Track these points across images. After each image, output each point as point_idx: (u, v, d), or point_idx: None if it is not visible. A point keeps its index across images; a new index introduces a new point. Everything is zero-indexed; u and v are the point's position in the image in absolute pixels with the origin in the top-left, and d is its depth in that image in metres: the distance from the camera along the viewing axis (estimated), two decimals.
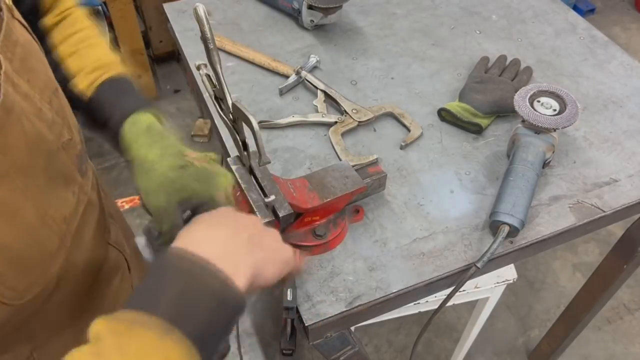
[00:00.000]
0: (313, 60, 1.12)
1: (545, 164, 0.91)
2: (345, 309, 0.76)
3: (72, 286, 0.59)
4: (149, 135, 0.65)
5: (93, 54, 0.69)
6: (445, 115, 1.02)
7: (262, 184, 0.75)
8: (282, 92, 1.07)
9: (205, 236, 0.49)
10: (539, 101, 0.93)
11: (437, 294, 0.89)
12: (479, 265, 0.79)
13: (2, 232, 0.45)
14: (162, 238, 0.60)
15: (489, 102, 1.01)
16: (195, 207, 0.61)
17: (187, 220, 0.60)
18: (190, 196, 0.60)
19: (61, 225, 0.53)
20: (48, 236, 0.51)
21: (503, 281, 1.24)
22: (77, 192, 0.57)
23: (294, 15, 1.24)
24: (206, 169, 0.63)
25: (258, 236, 0.52)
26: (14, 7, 0.51)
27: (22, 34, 0.51)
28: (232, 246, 0.49)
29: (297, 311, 0.75)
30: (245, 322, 1.82)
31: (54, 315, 0.57)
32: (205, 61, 0.73)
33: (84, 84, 0.66)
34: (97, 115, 0.64)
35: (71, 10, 0.71)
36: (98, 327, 0.40)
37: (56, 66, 0.65)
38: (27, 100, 0.48)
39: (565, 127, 0.88)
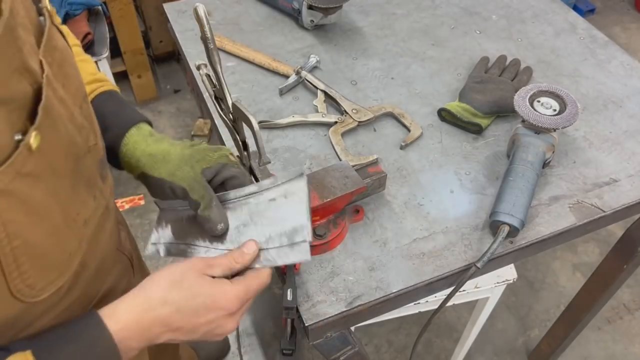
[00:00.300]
0: (313, 60, 1.12)
1: (545, 164, 0.91)
2: (345, 309, 0.76)
3: (83, 290, 0.60)
4: (154, 138, 0.70)
5: (87, 68, 0.73)
6: (445, 115, 1.02)
7: None
8: (282, 92, 1.07)
9: (152, 305, 0.56)
10: (539, 101, 0.93)
11: (437, 294, 0.89)
12: (479, 265, 0.79)
13: (32, 231, 0.46)
14: (201, 205, 0.65)
15: (489, 102, 1.01)
16: (216, 173, 0.68)
17: (216, 189, 0.69)
18: (209, 164, 0.67)
19: (81, 228, 0.54)
20: (69, 238, 0.52)
21: (503, 281, 1.24)
22: (97, 197, 0.58)
23: (294, 15, 1.24)
24: (210, 144, 0.72)
25: (203, 326, 0.59)
26: (53, 13, 0.52)
27: (60, 39, 0.53)
28: (163, 325, 0.57)
29: (297, 311, 0.75)
30: (245, 322, 1.82)
31: (63, 318, 0.58)
32: (205, 61, 0.73)
33: None
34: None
35: (61, 27, 0.73)
36: None
37: None
38: (62, 104, 0.50)
39: (565, 127, 0.88)
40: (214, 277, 0.61)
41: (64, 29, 0.76)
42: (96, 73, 0.74)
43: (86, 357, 0.52)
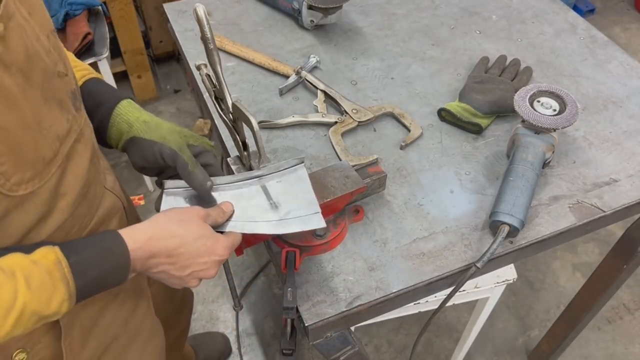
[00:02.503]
0: (313, 60, 1.12)
1: (545, 164, 0.91)
2: (345, 309, 0.76)
3: (69, 214, 0.63)
4: (146, 111, 0.77)
5: (73, 59, 0.78)
6: (445, 115, 1.02)
7: None
8: (282, 92, 1.07)
9: (164, 235, 0.64)
10: (539, 101, 0.93)
11: (437, 294, 0.89)
12: (479, 265, 0.79)
13: (2, 115, 0.50)
14: (189, 165, 0.72)
15: (489, 102, 1.01)
16: (197, 153, 0.75)
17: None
18: (194, 143, 0.76)
19: (54, 141, 0.58)
20: (42, 143, 0.56)
21: (503, 281, 1.24)
22: (70, 121, 0.62)
23: (294, 15, 1.24)
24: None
25: (196, 265, 0.66)
26: None
27: None
28: (166, 255, 0.64)
29: (297, 311, 0.75)
30: (245, 322, 1.82)
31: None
32: (205, 61, 0.73)
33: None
34: (88, 100, 0.73)
35: None
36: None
37: None
38: (27, 22, 0.53)
39: (565, 127, 0.88)
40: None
41: None
42: (81, 64, 0.79)
43: (104, 260, 0.59)
